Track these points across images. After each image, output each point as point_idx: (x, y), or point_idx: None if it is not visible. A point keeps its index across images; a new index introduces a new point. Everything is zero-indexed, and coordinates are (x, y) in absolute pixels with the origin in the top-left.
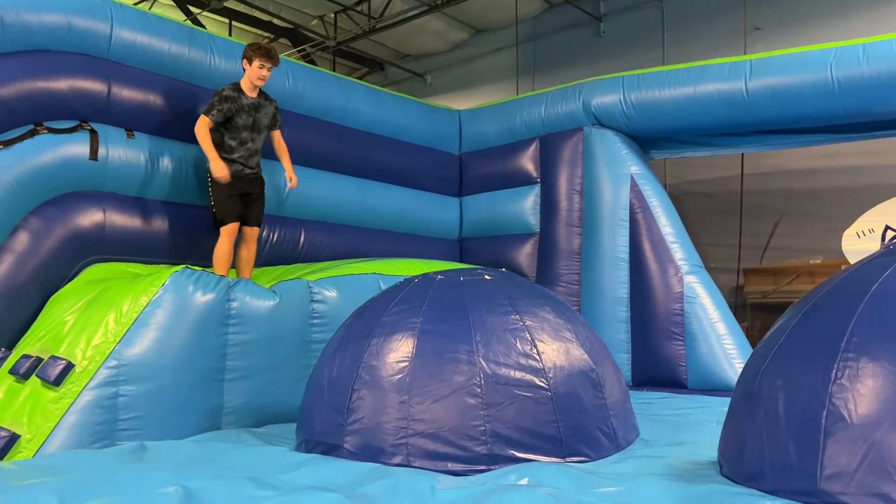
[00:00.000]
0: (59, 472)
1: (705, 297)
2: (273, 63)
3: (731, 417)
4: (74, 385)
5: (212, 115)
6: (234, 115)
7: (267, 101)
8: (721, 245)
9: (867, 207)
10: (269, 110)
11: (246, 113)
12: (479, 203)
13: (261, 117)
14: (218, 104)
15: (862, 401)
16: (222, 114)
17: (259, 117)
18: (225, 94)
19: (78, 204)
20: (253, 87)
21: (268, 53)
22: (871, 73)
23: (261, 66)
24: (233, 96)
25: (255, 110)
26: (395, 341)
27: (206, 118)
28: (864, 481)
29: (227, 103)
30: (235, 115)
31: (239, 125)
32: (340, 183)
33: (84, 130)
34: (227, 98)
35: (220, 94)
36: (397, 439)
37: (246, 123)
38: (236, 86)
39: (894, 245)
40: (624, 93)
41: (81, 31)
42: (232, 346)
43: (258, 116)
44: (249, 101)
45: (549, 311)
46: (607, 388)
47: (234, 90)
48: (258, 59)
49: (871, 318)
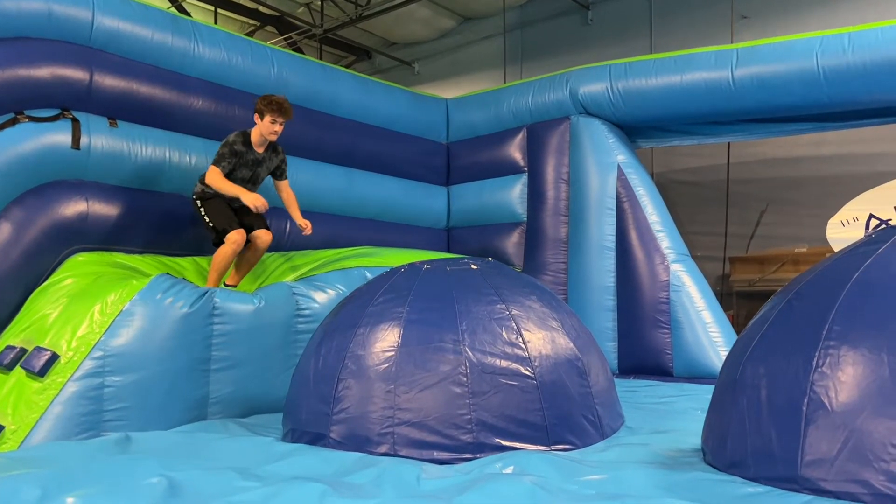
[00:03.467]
0: (44, 463)
1: (691, 285)
2: (285, 118)
3: (715, 406)
4: (59, 376)
5: (222, 166)
6: (234, 168)
7: (274, 153)
8: (707, 234)
9: (852, 196)
10: (274, 163)
11: (247, 168)
12: (467, 192)
13: (261, 171)
14: (228, 157)
15: (843, 388)
16: (231, 166)
17: (260, 171)
18: (235, 149)
19: (60, 193)
20: (262, 142)
21: (280, 108)
22: (856, 62)
23: (272, 121)
24: (241, 151)
25: (257, 165)
26: (382, 331)
27: (217, 169)
28: (844, 468)
29: (235, 158)
30: (236, 168)
31: (237, 177)
32: (326, 172)
33: (66, 119)
34: (236, 153)
35: (230, 147)
36: (383, 428)
37: (244, 177)
38: (246, 138)
39: (877, 234)
40: (611, 81)
41: (62, 18)
42: (217, 336)
43: (258, 171)
44: (254, 157)
45: (535, 301)
46: (592, 377)
47: (243, 144)
48: (270, 114)
49: (853, 307)
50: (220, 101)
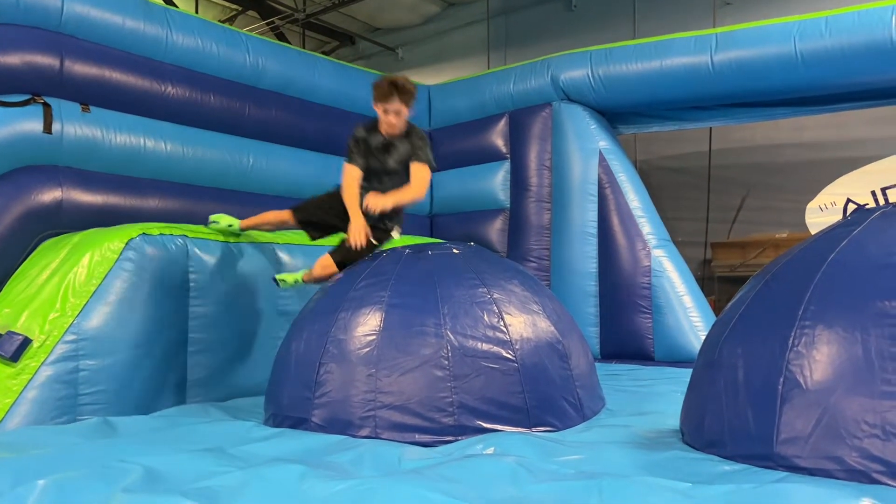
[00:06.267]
0: (20, 448)
1: (672, 270)
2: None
3: (693, 386)
4: (32, 360)
5: (350, 160)
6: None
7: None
8: (689, 219)
9: (830, 180)
10: (406, 148)
11: (373, 156)
12: (450, 179)
13: (388, 159)
14: (353, 148)
15: (817, 367)
16: (361, 157)
17: (386, 159)
18: (356, 136)
19: (33, 179)
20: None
21: (384, 93)
22: (833, 46)
23: (383, 110)
24: (361, 137)
25: (382, 152)
26: (363, 315)
27: (347, 165)
28: (818, 445)
29: (358, 146)
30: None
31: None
32: (305, 159)
33: (37, 104)
34: (357, 141)
35: (352, 137)
36: (365, 412)
37: (374, 166)
38: (373, 122)
39: (852, 216)
40: (592, 67)
41: (31, 4)
42: (194, 319)
43: (385, 158)
44: (379, 142)
45: (516, 285)
46: (573, 360)
47: (365, 129)
48: (375, 102)
49: (829, 288)
50: (195, 88)
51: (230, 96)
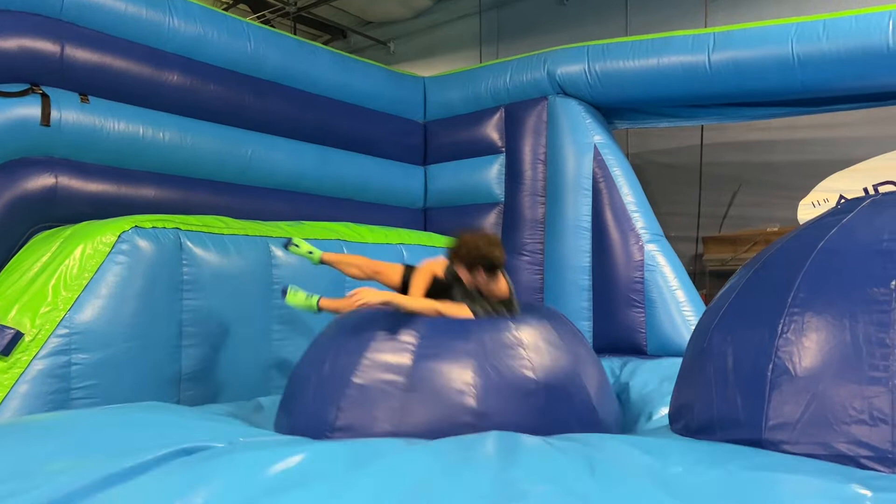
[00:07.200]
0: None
1: (665, 265)
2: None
3: (683, 374)
4: (24, 354)
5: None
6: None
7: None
8: (681, 214)
9: (822, 178)
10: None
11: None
12: (444, 172)
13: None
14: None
15: (806, 354)
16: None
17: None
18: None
19: (29, 170)
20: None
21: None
22: (830, 49)
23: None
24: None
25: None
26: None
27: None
28: (806, 431)
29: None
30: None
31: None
32: (301, 150)
33: (35, 94)
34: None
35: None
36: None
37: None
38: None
39: (842, 205)
40: (589, 62)
41: None
42: (188, 312)
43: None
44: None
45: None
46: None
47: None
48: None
49: (817, 275)
50: (195, 77)
51: (230, 86)
